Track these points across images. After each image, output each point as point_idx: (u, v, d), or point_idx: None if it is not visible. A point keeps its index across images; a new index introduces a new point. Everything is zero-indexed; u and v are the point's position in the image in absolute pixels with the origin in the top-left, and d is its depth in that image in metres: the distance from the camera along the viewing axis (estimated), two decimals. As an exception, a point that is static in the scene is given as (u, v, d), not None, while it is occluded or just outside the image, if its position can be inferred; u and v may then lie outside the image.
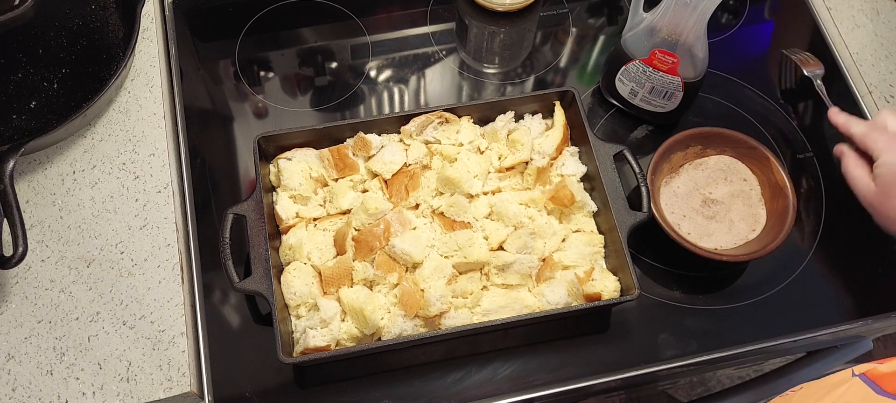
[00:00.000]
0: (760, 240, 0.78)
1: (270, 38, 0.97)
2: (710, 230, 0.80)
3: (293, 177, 0.77)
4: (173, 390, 0.70)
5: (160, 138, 0.83)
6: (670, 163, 0.82)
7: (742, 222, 0.80)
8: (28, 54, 0.82)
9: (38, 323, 0.72)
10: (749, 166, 0.82)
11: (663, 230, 0.76)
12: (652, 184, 0.78)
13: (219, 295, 0.78)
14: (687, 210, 0.81)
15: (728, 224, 0.80)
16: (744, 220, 0.80)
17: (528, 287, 0.75)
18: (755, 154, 0.81)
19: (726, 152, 0.83)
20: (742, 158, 0.83)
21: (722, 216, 0.80)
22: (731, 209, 0.81)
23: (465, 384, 0.74)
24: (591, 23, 1.00)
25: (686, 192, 0.82)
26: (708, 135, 0.82)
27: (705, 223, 0.80)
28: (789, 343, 0.78)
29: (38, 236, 0.76)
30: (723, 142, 0.83)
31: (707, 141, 0.83)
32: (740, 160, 0.83)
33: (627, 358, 0.76)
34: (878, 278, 0.81)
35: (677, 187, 0.82)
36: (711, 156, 0.84)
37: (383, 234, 0.73)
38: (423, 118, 0.80)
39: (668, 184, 0.82)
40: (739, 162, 0.83)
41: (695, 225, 0.80)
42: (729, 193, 0.81)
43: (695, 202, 0.81)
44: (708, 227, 0.80)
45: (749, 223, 0.80)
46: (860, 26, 0.96)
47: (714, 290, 0.80)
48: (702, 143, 0.83)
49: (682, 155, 0.83)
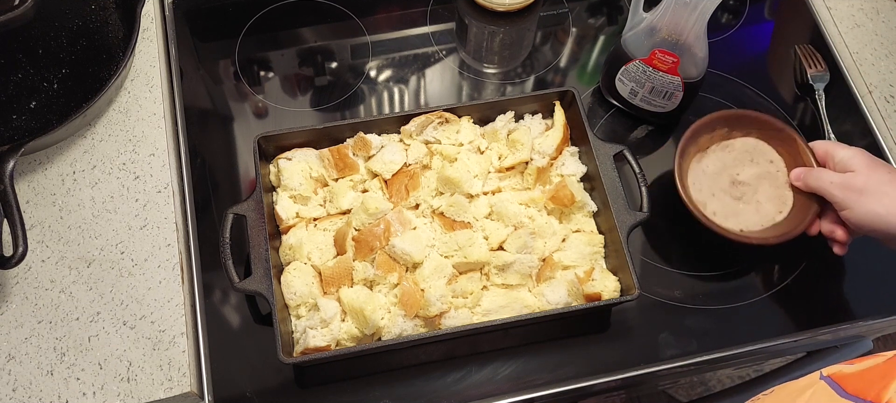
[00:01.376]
0: (788, 223, 0.77)
1: (270, 38, 0.97)
2: (737, 210, 0.78)
3: (293, 176, 0.77)
4: (173, 390, 0.70)
5: (160, 138, 0.83)
6: (697, 146, 0.81)
7: (769, 203, 0.78)
8: (28, 54, 0.82)
9: (39, 324, 0.72)
10: (777, 147, 0.81)
11: (691, 213, 0.76)
12: (679, 167, 0.77)
13: (219, 295, 0.78)
14: (715, 189, 0.80)
15: (755, 205, 0.79)
16: (771, 201, 0.78)
17: (529, 287, 0.75)
18: (781, 135, 0.80)
19: (752, 134, 0.82)
20: (768, 140, 0.81)
21: (749, 197, 0.79)
22: (758, 190, 0.79)
23: (465, 384, 0.74)
24: (591, 23, 1.00)
25: (714, 172, 0.81)
26: (735, 117, 0.81)
27: (733, 203, 0.79)
28: (789, 343, 0.78)
29: (39, 236, 0.76)
30: (749, 124, 0.81)
31: (733, 123, 0.81)
32: (767, 142, 0.82)
33: (627, 358, 0.76)
34: (878, 278, 0.81)
35: (706, 167, 0.81)
36: (738, 138, 0.82)
37: (383, 234, 0.73)
38: (423, 118, 0.80)
39: (698, 164, 0.81)
40: (766, 143, 0.82)
41: (722, 204, 0.79)
42: (756, 175, 0.80)
43: (723, 182, 0.80)
44: (736, 207, 0.79)
45: (776, 204, 0.78)
46: (860, 26, 0.96)
47: (714, 290, 0.80)
48: (728, 126, 0.81)
49: (709, 137, 0.81)
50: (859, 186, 0.69)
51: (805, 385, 0.51)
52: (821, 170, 0.74)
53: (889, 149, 0.89)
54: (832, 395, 0.48)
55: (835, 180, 0.71)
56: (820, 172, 0.74)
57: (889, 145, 0.89)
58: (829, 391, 0.48)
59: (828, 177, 0.72)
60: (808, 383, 0.51)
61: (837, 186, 0.70)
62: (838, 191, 0.70)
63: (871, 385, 0.46)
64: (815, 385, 0.50)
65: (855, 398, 0.46)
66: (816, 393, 0.49)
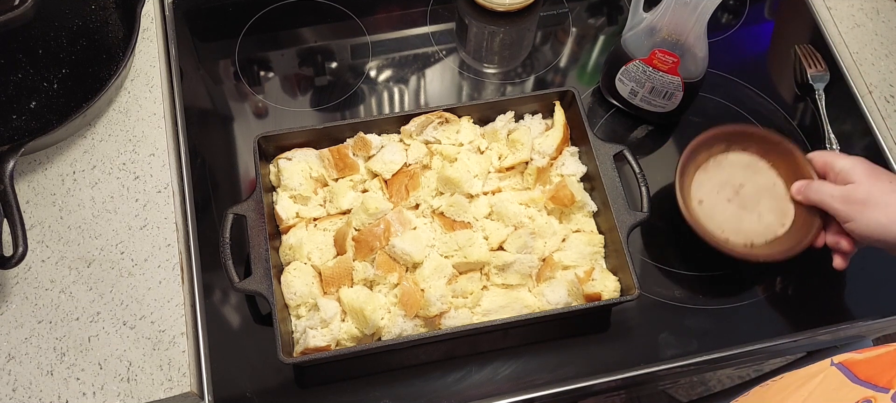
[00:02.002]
0: (792, 237, 0.76)
1: (270, 38, 0.97)
2: (740, 224, 0.78)
3: (293, 177, 0.77)
4: (173, 390, 0.70)
5: (160, 138, 0.83)
6: (696, 163, 0.81)
7: (771, 214, 0.78)
8: (28, 54, 0.82)
9: (39, 324, 0.72)
10: (774, 162, 0.81)
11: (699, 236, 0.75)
12: (680, 187, 0.77)
13: (219, 295, 0.78)
14: (717, 204, 0.79)
15: (757, 217, 0.78)
16: (773, 213, 0.78)
17: (529, 287, 0.75)
18: (780, 149, 0.79)
19: (750, 149, 0.81)
20: (767, 154, 0.81)
21: (751, 209, 0.79)
22: (760, 203, 0.79)
23: (465, 384, 0.74)
24: (591, 23, 1.00)
25: (715, 187, 0.80)
26: (732, 134, 0.81)
27: (736, 218, 0.78)
28: (789, 343, 0.78)
29: (39, 236, 0.76)
30: (747, 139, 0.81)
31: (731, 139, 0.81)
32: (765, 157, 0.81)
33: (627, 358, 0.76)
34: (878, 278, 0.81)
35: (705, 183, 0.81)
36: (735, 153, 0.82)
37: (383, 234, 0.73)
38: (423, 118, 0.80)
39: (698, 181, 0.81)
40: (762, 159, 0.81)
41: (725, 219, 0.78)
42: (756, 189, 0.80)
43: (724, 197, 0.80)
44: (739, 222, 0.78)
45: (778, 217, 0.78)
46: (860, 25, 0.96)
47: (714, 290, 0.80)
48: (726, 141, 0.81)
49: (707, 154, 0.81)
50: (861, 198, 0.68)
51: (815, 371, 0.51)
52: (821, 183, 0.73)
53: (889, 150, 0.89)
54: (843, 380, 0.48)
55: (835, 193, 0.70)
56: (820, 185, 0.73)
57: (889, 145, 0.89)
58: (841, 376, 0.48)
59: (828, 189, 0.71)
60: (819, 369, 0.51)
61: (838, 199, 0.70)
62: (840, 205, 0.69)
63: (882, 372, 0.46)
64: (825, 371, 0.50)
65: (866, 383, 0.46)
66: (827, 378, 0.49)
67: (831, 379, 0.49)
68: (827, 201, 0.71)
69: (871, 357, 0.48)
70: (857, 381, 0.47)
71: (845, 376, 0.48)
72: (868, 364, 0.47)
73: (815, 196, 0.73)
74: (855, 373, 0.48)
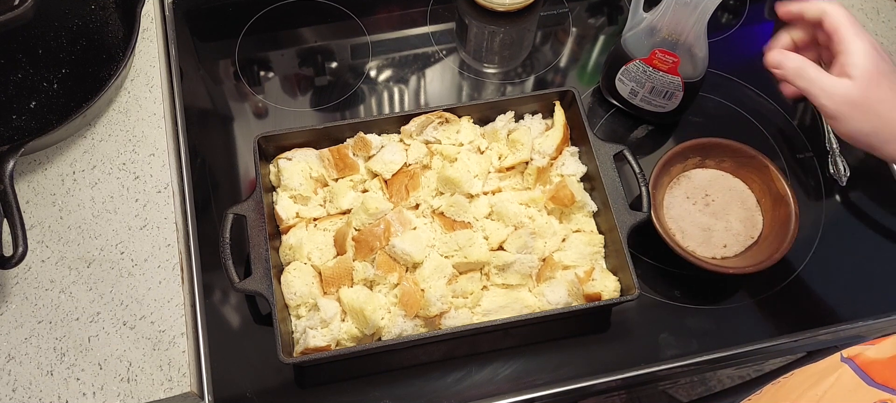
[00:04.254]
0: (761, 250, 0.78)
1: (270, 38, 0.97)
2: (709, 226, 0.80)
3: (293, 177, 0.77)
4: (173, 390, 0.70)
5: (160, 138, 0.83)
6: (669, 175, 0.82)
7: (740, 224, 0.80)
8: (28, 54, 0.82)
9: (39, 324, 0.72)
10: (747, 175, 0.82)
11: (667, 244, 0.76)
12: (654, 198, 0.78)
13: (219, 295, 0.78)
14: (686, 215, 0.81)
15: (725, 224, 0.80)
16: (741, 223, 0.80)
17: (529, 287, 0.75)
18: (754, 162, 0.81)
19: (725, 163, 0.83)
20: (740, 168, 0.82)
21: (721, 216, 0.80)
22: (729, 213, 0.81)
23: (465, 384, 0.74)
24: (591, 23, 1.00)
25: (685, 199, 0.82)
26: (706, 147, 0.82)
27: (707, 222, 0.80)
28: (789, 343, 0.78)
29: (38, 236, 0.76)
30: (722, 153, 0.82)
31: (705, 152, 0.83)
32: (736, 172, 0.83)
33: (627, 358, 0.76)
34: (878, 278, 0.81)
35: (676, 196, 0.82)
36: (709, 168, 0.84)
37: (383, 234, 0.73)
38: (423, 118, 0.80)
39: (669, 194, 0.82)
40: (733, 176, 0.83)
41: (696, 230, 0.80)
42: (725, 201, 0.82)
43: (695, 207, 0.81)
44: (709, 226, 0.80)
45: (747, 227, 0.80)
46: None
47: (714, 290, 0.80)
48: (700, 154, 0.83)
49: (682, 166, 0.83)
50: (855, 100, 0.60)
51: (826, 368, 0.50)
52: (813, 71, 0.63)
53: (889, 149, 0.89)
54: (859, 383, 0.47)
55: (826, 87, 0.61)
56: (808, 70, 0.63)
57: (889, 145, 0.89)
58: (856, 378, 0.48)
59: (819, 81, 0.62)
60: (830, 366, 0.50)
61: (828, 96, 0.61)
62: (828, 101, 0.61)
63: None
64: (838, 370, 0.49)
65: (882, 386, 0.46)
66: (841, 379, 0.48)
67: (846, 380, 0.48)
68: (815, 93, 0.62)
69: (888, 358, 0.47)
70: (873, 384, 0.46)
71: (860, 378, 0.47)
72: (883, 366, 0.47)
73: (801, 81, 0.63)
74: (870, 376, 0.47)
